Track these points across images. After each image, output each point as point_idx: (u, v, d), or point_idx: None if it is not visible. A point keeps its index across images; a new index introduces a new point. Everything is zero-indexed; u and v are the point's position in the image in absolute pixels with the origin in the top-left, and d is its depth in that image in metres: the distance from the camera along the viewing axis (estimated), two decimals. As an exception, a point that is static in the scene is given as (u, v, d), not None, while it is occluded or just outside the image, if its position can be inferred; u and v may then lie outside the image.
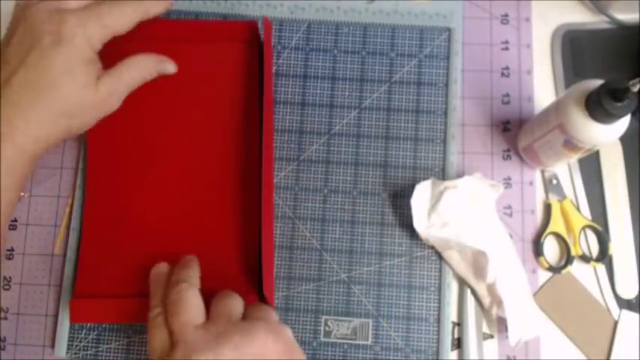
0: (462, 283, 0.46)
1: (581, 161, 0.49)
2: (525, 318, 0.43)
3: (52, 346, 0.46)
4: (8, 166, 0.37)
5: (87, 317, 0.43)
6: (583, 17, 0.52)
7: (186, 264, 0.41)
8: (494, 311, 0.44)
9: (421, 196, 0.45)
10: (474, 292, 0.46)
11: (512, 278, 0.44)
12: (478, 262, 0.44)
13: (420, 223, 0.45)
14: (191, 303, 0.37)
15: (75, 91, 0.38)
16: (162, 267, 0.41)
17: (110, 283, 0.44)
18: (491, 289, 0.44)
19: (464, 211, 0.45)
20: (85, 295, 0.44)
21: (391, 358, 0.45)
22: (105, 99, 0.40)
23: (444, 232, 0.45)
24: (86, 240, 0.46)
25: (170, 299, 0.37)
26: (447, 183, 0.45)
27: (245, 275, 0.44)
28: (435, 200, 0.45)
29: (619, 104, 0.36)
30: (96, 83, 0.39)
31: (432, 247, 0.46)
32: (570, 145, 0.41)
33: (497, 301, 0.44)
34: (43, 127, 0.38)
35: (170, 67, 0.46)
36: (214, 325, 0.36)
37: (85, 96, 0.39)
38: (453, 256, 0.46)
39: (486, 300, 0.45)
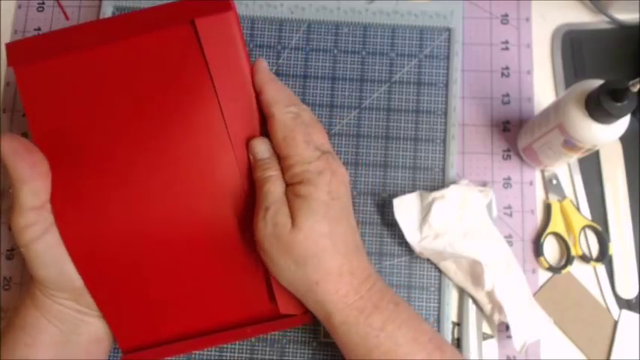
0: (462, 289, 0.46)
1: (581, 161, 0.49)
2: (528, 321, 0.43)
3: (52, 346, 0.46)
4: None
5: None
6: (583, 17, 0.52)
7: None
8: (497, 317, 0.44)
9: (405, 209, 0.45)
10: (474, 301, 0.45)
11: (511, 282, 0.44)
12: (475, 270, 0.44)
13: (412, 237, 0.45)
14: None
15: None
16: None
17: (149, 327, 0.41)
18: (490, 295, 0.44)
19: (455, 221, 0.45)
20: (132, 350, 0.41)
21: (391, 358, 0.45)
22: None
23: (438, 244, 0.45)
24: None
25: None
26: (435, 194, 0.45)
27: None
28: (425, 212, 0.45)
29: (619, 104, 0.36)
30: None
31: (428, 260, 0.46)
32: (570, 145, 0.41)
33: (498, 307, 0.43)
34: None
35: None
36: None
37: None
38: (449, 267, 0.45)
39: (487, 307, 0.45)
